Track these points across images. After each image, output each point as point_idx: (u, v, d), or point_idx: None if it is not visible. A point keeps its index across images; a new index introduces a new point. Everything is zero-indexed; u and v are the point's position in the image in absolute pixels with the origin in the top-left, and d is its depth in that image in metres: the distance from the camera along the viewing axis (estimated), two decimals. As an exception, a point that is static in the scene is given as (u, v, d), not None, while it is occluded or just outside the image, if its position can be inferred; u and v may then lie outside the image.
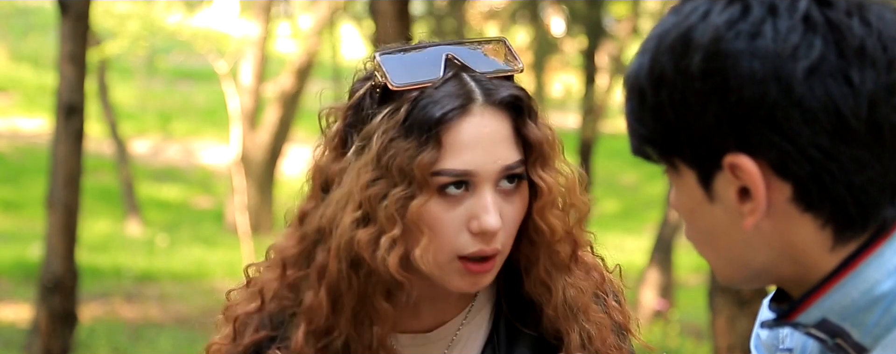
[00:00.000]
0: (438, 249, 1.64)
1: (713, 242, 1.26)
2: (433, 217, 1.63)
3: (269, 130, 17.06)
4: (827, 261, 1.22)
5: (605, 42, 14.30)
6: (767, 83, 1.16)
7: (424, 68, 1.66)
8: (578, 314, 1.74)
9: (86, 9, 7.63)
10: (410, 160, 1.61)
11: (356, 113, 1.68)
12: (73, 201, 7.60)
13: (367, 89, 1.68)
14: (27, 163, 18.88)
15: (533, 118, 1.68)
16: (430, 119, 1.61)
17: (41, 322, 7.55)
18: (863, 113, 1.17)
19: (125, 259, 14.14)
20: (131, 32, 14.99)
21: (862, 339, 1.22)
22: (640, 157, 1.28)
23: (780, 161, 1.17)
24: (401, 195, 1.62)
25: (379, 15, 7.03)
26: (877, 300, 1.21)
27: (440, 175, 1.62)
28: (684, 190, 1.25)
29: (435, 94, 1.63)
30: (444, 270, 1.66)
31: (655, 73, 1.21)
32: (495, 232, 1.63)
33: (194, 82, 24.36)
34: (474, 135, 1.62)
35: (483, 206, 1.62)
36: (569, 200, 1.72)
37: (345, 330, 1.69)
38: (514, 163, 1.65)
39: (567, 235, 1.72)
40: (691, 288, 13.37)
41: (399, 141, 1.62)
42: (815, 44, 1.17)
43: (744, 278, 1.27)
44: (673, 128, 1.21)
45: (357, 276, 1.66)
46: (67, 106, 7.51)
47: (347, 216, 1.64)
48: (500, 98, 1.65)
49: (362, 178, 1.63)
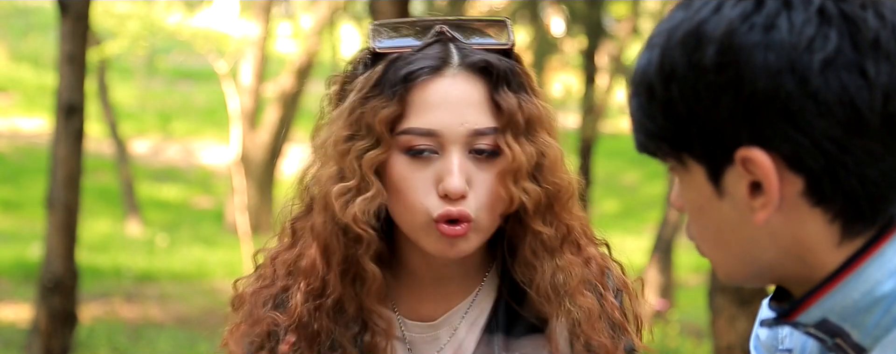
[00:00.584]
0: (411, 209, 1.67)
1: (720, 239, 1.25)
2: (402, 177, 1.67)
3: (269, 130, 17.06)
4: (832, 258, 1.22)
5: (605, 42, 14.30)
6: (783, 75, 1.16)
7: (414, 36, 1.71)
8: (565, 298, 1.73)
9: (86, 9, 7.63)
10: (374, 115, 1.65)
11: (347, 79, 1.75)
12: (73, 201, 7.60)
13: (361, 56, 1.74)
14: (27, 163, 18.88)
15: (513, 88, 1.69)
16: (398, 77, 1.67)
17: (41, 322, 7.55)
18: (877, 105, 1.17)
19: (125, 259, 14.13)
20: (131, 32, 14.98)
21: (861, 340, 1.22)
22: (645, 154, 1.28)
23: (793, 154, 1.17)
24: (362, 148, 1.67)
25: (379, 15, 7.04)
26: (878, 300, 1.21)
27: (406, 133, 1.66)
28: (692, 186, 1.25)
29: (413, 57, 1.68)
30: (420, 232, 1.69)
31: (666, 68, 1.21)
32: (460, 194, 1.65)
33: (194, 82, 24.35)
34: (442, 95, 1.66)
35: (448, 169, 1.65)
36: (548, 177, 1.72)
37: (336, 289, 1.71)
38: (484, 128, 1.66)
39: (552, 214, 1.72)
40: (691, 288, 13.37)
41: (370, 99, 1.67)
42: (830, 36, 1.17)
43: (748, 275, 1.27)
44: (683, 123, 1.21)
45: (339, 231, 1.69)
46: (67, 106, 7.51)
47: (325, 171, 1.71)
48: (471, 61, 1.67)
49: (336, 134, 1.70)
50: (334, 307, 1.73)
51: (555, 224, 1.74)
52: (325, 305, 1.72)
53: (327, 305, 1.72)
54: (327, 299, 1.72)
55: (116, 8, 15.99)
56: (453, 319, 1.78)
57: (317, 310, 1.73)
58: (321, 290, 1.73)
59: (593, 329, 1.74)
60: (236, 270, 13.71)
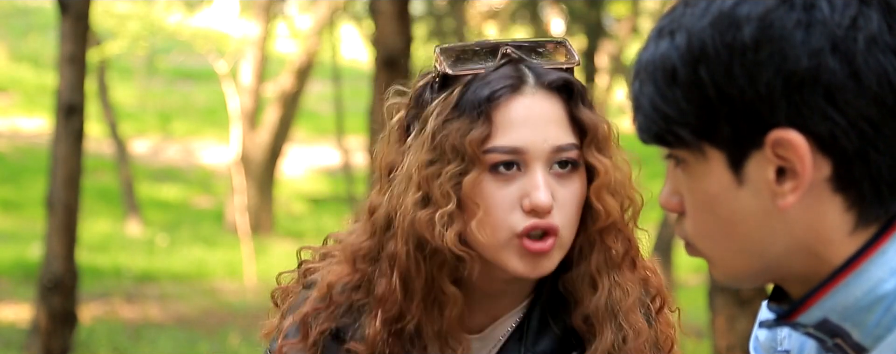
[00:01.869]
0: (494, 227, 1.67)
1: (729, 232, 1.24)
2: (486, 195, 1.67)
3: (269, 130, 17.06)
4: (843, 249, 1.22)
5: (605, 42, 14.30)
6: (825, 54, 1.17)
7: (481, 59, 1.73)
8: (618, 315, 1.75)
9: (86, 9, 7.63)
10: (462, 137, 1.67)
11: (417, 104, 1.75)
12: (73, 201, 7.60)
13: (427, 81, 1.74)
14: (27, 163, 18.88)
15: (586, 104, 1.73)
16: (481, 98, 1.68)
17: (41, 322, 7.55)
18: None
19: (125, 259, 14.13)
20: (131, 32, 14.99)
21: (862, 339, 1.22)
22: (654, 144, 1.27)
23: (830, 134, 1.17)
24: (454, 172, 1.67)
25: (379, 15, 7.04)
26: (879, 299, 1.21)
27: (491, 152, 1.67)
28: (708, 176, 1.23)
29: (488, 77, 1.70)
30: (502, 251, 1.68)
31: (694, 50, 1.20)
32: (547, 209, 1.66)
33: (194, 82, 24.36)
34: (524, 113, 1.68)
35: (534, 184, 1.66)
36: (624, 192, 1.74)
37: (416, 315, 1.72)
38: (566, 144, 1.69)
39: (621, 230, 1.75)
40: (691, 288, 13.36)
41: (452, 121, 1.68)
42: (872, 17, 1.18)
43: (750, 272, 1.26)
44: (711, 107, 1.20)
45: (423, 258, 1.70)
46: (67, 106, 7.51)
47: (409, 198, 1.70)
48: (550, 80, 1.70)
49: (419, 159, 1.70)
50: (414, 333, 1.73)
51: (621, 239, 1.75)
52: (405, 332, 1.73)
53: (407, 331, 1.73)
54: (407, 325, 1.73)
55: (116, 8, 16.00)
56: (498, 331, 1.79)
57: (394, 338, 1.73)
58: (398, 316, 1.73)
59: (638, 351, 1.75)
60: (236, 270, 13.71)
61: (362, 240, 1.76)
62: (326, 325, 1.78)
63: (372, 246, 1.75)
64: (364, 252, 1.76)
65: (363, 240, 1.76)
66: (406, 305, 1.72)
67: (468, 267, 1.70)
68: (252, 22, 17.38)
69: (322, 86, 22.92)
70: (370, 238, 1.76)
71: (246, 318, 10.63)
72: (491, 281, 1.75)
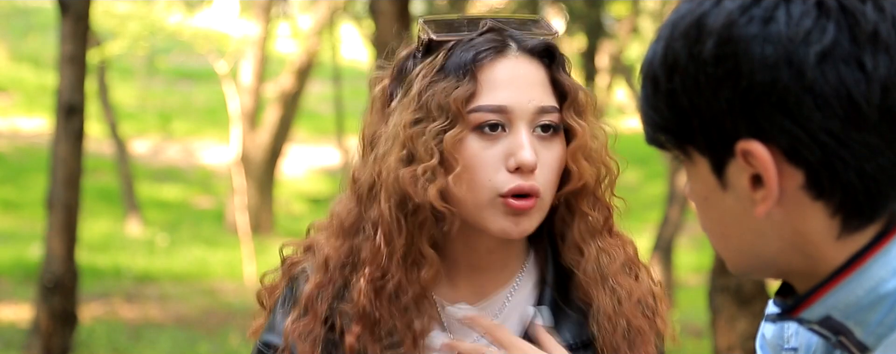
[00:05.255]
0: (478, 187, 1.72)
1: (725, 231, 1.25)
2: (471, 154, 1.71)
3: (269, 130, 17.06)
4: (834, 253, 1.21)
5: (605, 42, 14.30)
6: (780, 68, 1.16)
7: (465, 28, 1.78)
8: (608, 278, 1.79)
9: (86, 9, 7.63)
10: (447, 96, 1.71)
11: (400, 73, 1.80)
12: (73, 201, 7.60)
13: (410, 51, 1.80)
14: (27, 163, 18.87)
15: (567, 70, 1.79)
16: (466, 59, 1.73)
17: (41, 322, 7.55)
18: (875, 98, 1.16)
19: (125, 259, 14.13)
20: (131, 33, 14.98)
21: (865, 338, 1.22)
22: (654, 146, 1.28)
23: (791, 147, 1.17)
24: (438, 128, 1.71)
25: (379, 15, 7.03)
26: (881, 298, 1.21)
27: (477, 111, 1.72)
28: (698, 178, 1.25)
29: (472, 41, 1.75)
30: (485, 210, 1.72)
31: (669, 60, 1.21)
32: (532, 168, 1.70)
33: (194, 82, 24.35)
34: (509, 74, 1.73)
35: (519, 143, 1.71)
36: (600, 159, 1.79)
37: (396, 274, 1.75)
38: (548, 105, 1.74)
39: (598, 198, 1.80)
40: (691, 288, 13.36)
41: (438, 82, 1.73)
42: (827, 29, 1.16)
43: (753, 268, 1.27)
44: (686, 115, 1.21)
45: (404, 216, 1.74)
46: (67, 106, 7.51)
47: (393, 156, 1.74)
48: (532, 45, 1.76)
49: (404, 119, 1.74)
50: (394, 292, 1.76)
51: (598, 207, 1.80)
52: (385, 291, 1.76)
53: (387, 290, 1.76)
54: (387, 284, 1.76)
55: (117, 8, 15.98)
56: (495, 305, 1.81)
57: (377, 297, 1.76)
58: (381, 275, 1.76)
59: (633, 311, 1.79)
60: (236, 270, 13.71)
61: (349, 208, 1.81)
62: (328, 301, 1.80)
63: (358, 212, 1.79)
64: (352, 219, 1.80)
65: (350, 208, 1.81)
66: (387, 263, 1.75)
67: (448, 225, 1.73)
68: (252, 22, 17.38)
69: (322, 87, 22.92)
70: (356, 205, 1.80)
71: (246, 318, 10.57)
72: (471, 252, 1.78)
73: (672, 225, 11.99)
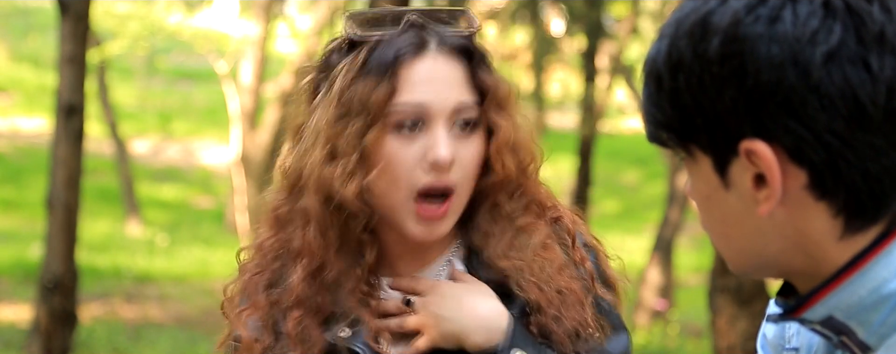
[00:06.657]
0: (395, 185, 1.76)
1: (726, 230, 1.25)
2: (389, 152, 1.75)
3: (269, 130, 17.04)
4: (836, 253, 1.21)
5: (605, 42, 14.29)
6: (785, 68, 1.16)
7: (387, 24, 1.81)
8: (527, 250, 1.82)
9: (86, 9, 7.63)
10: (368, 94, 1.75)
11: (325, 67, 1.83)
12: (73, 201, 7.60)
13: (335, 46, 1.83)
14: (27, 163, 18.87)
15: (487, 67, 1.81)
16: (387, 58, 1.76)
17: (41, 322, 7.55)
18: (881, 99, 1.16)
19: (125, 259, 14.13)
20: (131, 33, 14.98)
21: (867, 338, 1.22)
22: (656, 144, 1.28)
23: (795, 147, 1.17)
24: (359, 127, 1.75)
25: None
26: (884, 299, 1.21)
27: (396, 110, 1.75)
28: (700, 177, 1.25)
29: (393, 40, 1.78)
30: (399, 212, 1.77)
31: (673, 58, 1.21)
32: (447, 164, 1.74)
33: (194, 82, 24.35)
34: (428, 73, 1.77)
35: (435, 140, 1.75)
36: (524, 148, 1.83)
37: (336, 265, 1.79)
38: (466, 102, 1.77)
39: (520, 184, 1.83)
40: (691, 288, 13.37)
41: (359, 80, 1.76)
42: (834, 29, 1.16)
43: (755, 268, 1.27)
44: (689, 114, 1.21)
45: (332, 211, 1.77)
46: (67, 106, 7.51)
47: (316, 153, 1.78)
48: (452, 43, 1.79)
49: (327, 116, 1.77)
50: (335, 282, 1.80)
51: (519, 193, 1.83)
52: (327, 281, 1.80)
53: (328, 280, 1.80)
54: (328, 274, 1.79)
55: (117, 8, 15.99)
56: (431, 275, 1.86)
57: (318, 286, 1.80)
58: (320, 267, 1.80)
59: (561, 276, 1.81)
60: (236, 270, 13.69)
61: (280, 199, 1.85)
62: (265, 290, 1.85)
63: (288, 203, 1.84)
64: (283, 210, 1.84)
65: (281, 199, 1.85)
66: (326, 255, 1.79)
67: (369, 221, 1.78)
68: (252, 22, 17.38)
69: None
70: (287, 195, 1.84)
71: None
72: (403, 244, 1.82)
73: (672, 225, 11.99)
